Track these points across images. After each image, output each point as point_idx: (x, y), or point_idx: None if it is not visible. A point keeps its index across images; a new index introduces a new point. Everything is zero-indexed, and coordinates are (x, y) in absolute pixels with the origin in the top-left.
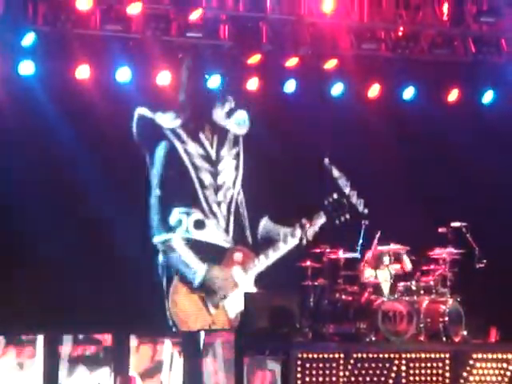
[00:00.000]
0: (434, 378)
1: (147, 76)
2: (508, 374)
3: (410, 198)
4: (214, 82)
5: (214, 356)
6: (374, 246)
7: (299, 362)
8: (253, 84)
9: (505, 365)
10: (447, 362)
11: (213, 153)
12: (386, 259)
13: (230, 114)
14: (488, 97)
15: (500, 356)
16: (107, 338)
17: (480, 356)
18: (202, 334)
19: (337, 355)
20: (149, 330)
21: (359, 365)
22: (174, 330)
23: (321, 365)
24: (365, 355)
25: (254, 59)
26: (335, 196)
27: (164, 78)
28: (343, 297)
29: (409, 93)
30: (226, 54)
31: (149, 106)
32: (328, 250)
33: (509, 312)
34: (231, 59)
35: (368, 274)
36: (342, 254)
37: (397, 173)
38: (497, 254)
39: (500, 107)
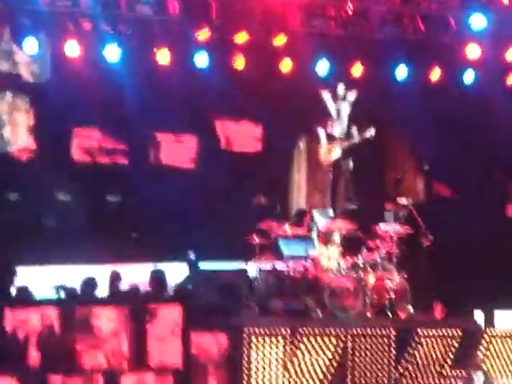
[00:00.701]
0: (380, 354)
1: None
2: (453, 349)
3: (357, 176)
4: None
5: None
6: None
7: (246, 337)
8: (202, 59)
9: (450, 341)
10: (393, 337)
11: None
12: (335, 236)
13: None
14: (435, 74)
15: (445, 332)
16: None
17: (425, 332)
18: None
19: (284, 330)
20: None
21: (306, 340)
22: None
23: (268, 340)
24: (312, 331)
25: (203, 34)
26: None
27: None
28: (291, 273)
29: (357, 70)
30: (174, 29)
31: None
32: (275, 226)
33: (454, 289)
34: (180, 34)
35: (317, 250)
36: (288, 229)
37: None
38: (442, 231)
39: (448, 85)
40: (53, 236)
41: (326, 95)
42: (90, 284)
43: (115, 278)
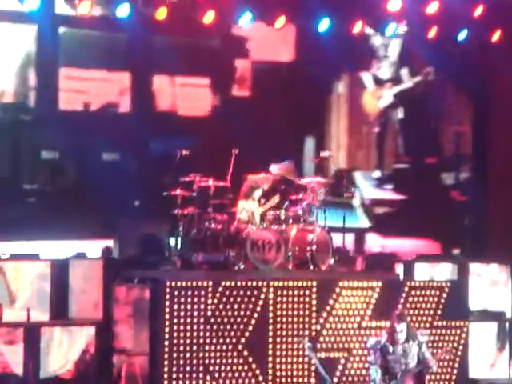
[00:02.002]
0: (301, 306)
1: None
2: (373, 301)
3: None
4: None
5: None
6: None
7: (168, 290)
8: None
9: (370, 292)
10: (314, 289)
11: None
12: (257, 190)
13: None
14: (358, 27)
15: (365, 284)
16: None
17: (346, 284)
18: None
19: (205, 283)
20: None
21: (227, 293)
22: None
23: (189, 293)
24: (233, 283)
25: None
26: None
27: None
28: (212, 225)
29: (280, 23)
30: None
31: None
32: (198, 179)
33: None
34: None
35: (239, 203)
36: (211, 183)
37: (274, 101)
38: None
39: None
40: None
41: (372, 31)
42: None
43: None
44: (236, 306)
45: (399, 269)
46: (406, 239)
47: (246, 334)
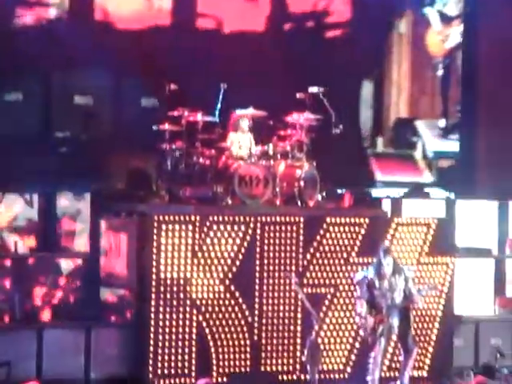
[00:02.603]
0: (289, 241)
1: None
2: (360, 237)
3: (271, 63)
4: None
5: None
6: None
7: (156, 225)
8: None
9: (357, 229)
10: (301, 225)
11: None
12: (245, 124)
13: None
14: None
15: (353, 220)
16: None
17: (333, 220)
18: None
19: (193, 218)
20: None
21: (215, 227)
22: None
23: (177, 227)
24: (221, 218)
25: None
26: None
27: None
28: (200, 160)
29: None
30: None
31: None
32: (186, 113)
33: (362, 177)
34: None
35: (228, 138)
36: (200, 117)
37: (259, 39)
38: (353, 120)
39: None
40: None
41: None
42: None
43: None
44: (223, 241)
45: (386, 205)
46: None
47: (233, 268)
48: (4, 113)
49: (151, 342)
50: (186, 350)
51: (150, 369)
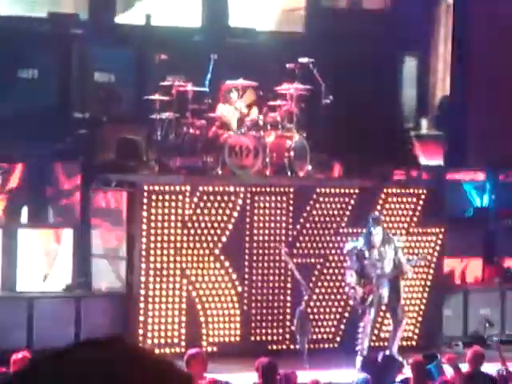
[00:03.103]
0: (279, 212)
1: None
2: (350, 208)
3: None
4: None
5: None
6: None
7: (146, 195)
8: None
9: (347, 199)
10: (291, 196)
11: None
12: (234, 95)
13: None
14: None
15: (342, 191)
16: None
17: (323, 190)
18: None
19: (183, 188)
20: None
21: (205, 198)
22: None
23: (167, 197)
24: (211, 188)
25: None
26: None
27: None
28: (191, 130)
29: None
30: None
31: None
32: (177, 83)
33: (352, 148)
34: None
35: (218, 108)
36: (190, 88)
37: None
38: (342, 90)
39: None
40: None
41: None
42: None
43: None
44: (213, 211)
45: (375, 174)
46: None
47: (223, 238)
48: None
49: (141, 312)
50: (176, 320)
51: (140, 339)
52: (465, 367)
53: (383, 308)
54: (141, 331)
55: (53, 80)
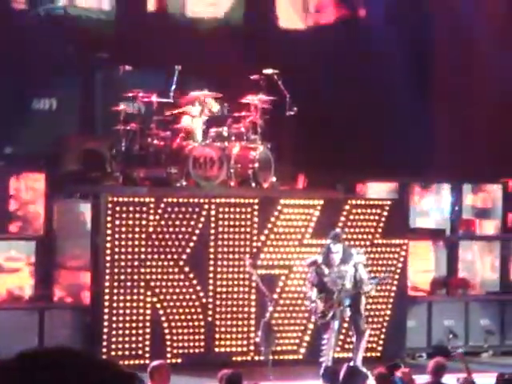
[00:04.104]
0: (243, 223)
1: None
2: (314, 219)
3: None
4: None
5: None
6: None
7: (110, 206)
8: None
9: (311, 210)
10: (256, 207)
11: None
12: (198, 106)
13: None
14: None
15: (307, 202)
16: None
17: (287, 202)
18: None
19: (147, 199)
20: None
21: (169, 209)
22: None
23: (131, 208)
24: (175, 200)
25: None
26: None
27: None
28: (155, 142)
29: None
30: None
31: None
32: (141, 95)
33: (316, 159)
34: None
35: (182, 120)
36: (155, 99)
37: None
38: (306, 102)
39: None
40: None
41: None
42: None
43: None
44: (178, 223)
45: (341, 188)
46: None
47: (188, 250)
48: None
49: (105, 324)
50: (140, 332)
51: (104, 350)
52: (425, 379)
53: (346, 319)
54: (105, 343)
55: None
